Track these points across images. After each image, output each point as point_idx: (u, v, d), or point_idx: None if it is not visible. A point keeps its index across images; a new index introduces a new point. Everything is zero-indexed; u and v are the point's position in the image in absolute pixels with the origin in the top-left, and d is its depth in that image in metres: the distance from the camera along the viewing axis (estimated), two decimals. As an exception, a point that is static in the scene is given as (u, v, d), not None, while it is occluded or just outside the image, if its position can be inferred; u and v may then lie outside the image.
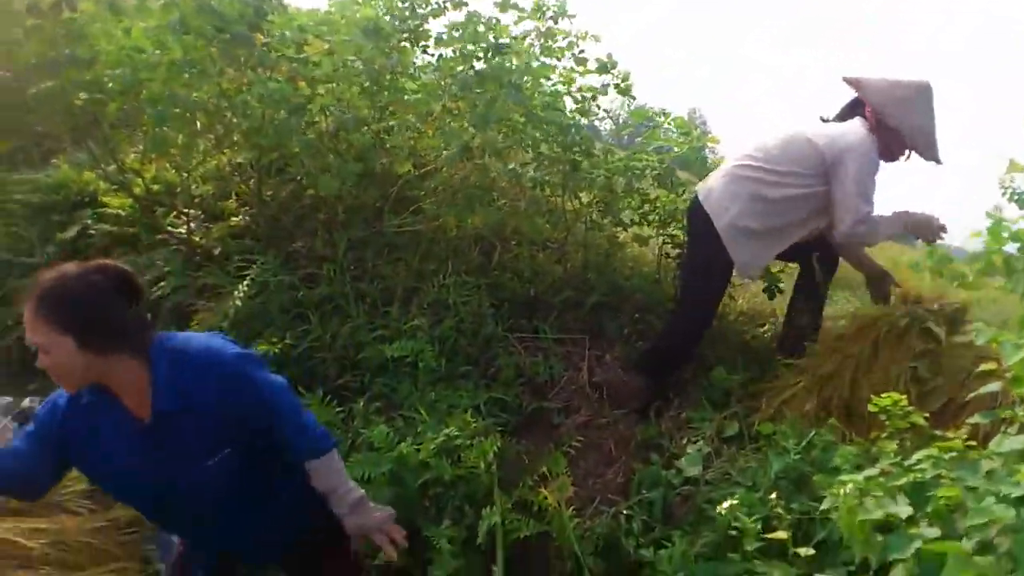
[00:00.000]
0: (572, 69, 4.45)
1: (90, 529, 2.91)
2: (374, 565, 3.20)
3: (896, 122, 3.54)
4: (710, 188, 3.70)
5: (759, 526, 2.45)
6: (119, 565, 2.88)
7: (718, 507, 2.65)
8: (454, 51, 4.33)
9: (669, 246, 4.49)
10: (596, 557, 3.08)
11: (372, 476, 3.13)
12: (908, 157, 3.70)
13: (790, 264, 4.20)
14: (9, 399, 3.57)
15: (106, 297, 2.05)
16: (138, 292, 2.13)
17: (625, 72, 4.34)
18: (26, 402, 3.36)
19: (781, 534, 2.30)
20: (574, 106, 4.40)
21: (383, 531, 2.41)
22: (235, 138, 4.69)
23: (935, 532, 2.01)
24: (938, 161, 3.65)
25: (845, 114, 3.76)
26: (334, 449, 2.33)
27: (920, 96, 3.58)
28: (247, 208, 4.88)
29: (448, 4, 4.43)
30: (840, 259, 3.92)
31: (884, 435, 2.63)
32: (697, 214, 3.70)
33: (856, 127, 3.58)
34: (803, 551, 2.24)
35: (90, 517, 2.96)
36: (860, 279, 4.08)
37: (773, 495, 2.60)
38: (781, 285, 4.21)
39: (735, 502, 2.58)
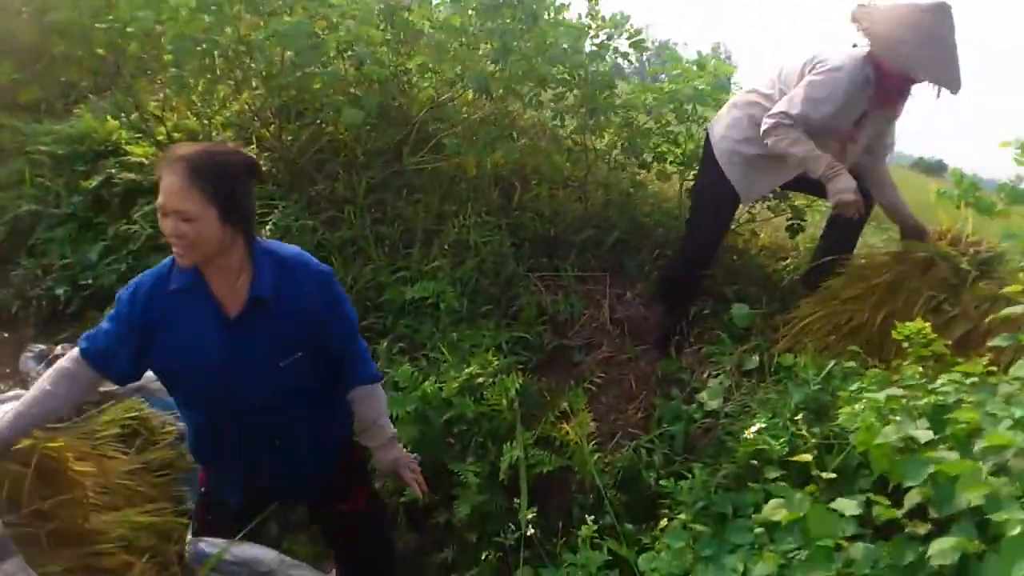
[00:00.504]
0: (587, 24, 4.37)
1: (126, 471, 2.98)
2: (400, 502, 3.30)
3: (899, 67, 3.29)
4: (718, 116, 3.70)
5: (785, 448, 2.46)
6: (155, 506, 2.95)
7: (745, 432, 2.65)
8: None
9: (690, 183, 4.44)
10: (617, 490, 3.13)
11: (398, 415, 3.17)
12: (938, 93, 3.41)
13: (819, 199, 4.14)
14: (43, 346, 3.67)
15: (245, 177, 2.13)
16: (260, 181, 2.24)
17: (637, 28, 4.29)
18: (58, 349, 3.45)
19: (805, 456, 2.31)
20: (592, 48, 4.33)
21: (412, 469, 2.48)
22: (254, 84, 4.71)
23: (953, 456, 2.02)
24: (954, 90, 3.34)
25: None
26: (382, 381, 2.44)
27: (930, 25, 3.26)
28: (268, 153, 4.89)
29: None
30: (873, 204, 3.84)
31: (906, 363, 2.63)
32: (706, 141, 3.70)
33: (852, 51, 3.41)
34: (825, 475, 2.25)
35: (125, 460, 3.03)
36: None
37: (799, 416, 2.60)
38: (805, 221, 4.17)
39: (763, 425, 2.59)
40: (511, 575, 2.95)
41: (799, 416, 2.77)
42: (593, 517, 2.68)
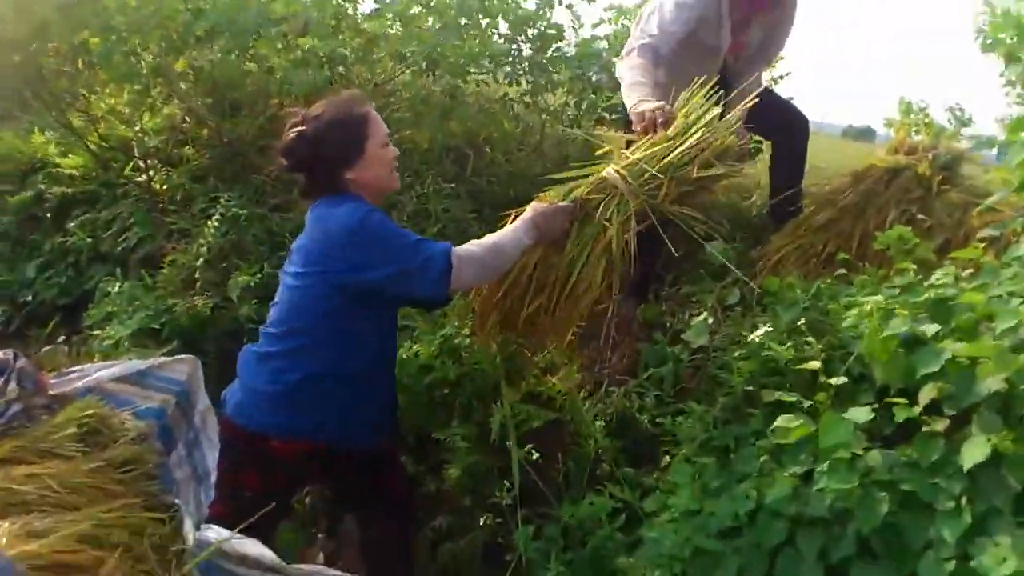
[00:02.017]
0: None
1: (86, 470, 2.79)
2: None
3: None
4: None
5: (791, 352, 2.36)
6: (123, 502, 2.77)
7: (751, 335, 2.56)
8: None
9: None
10: (612, 437, 3.02)
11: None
12: None
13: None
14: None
15: None
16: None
17: None
18: (1, 354, 3.23)
19: (813, 363, 2.22)
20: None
21: None
22: (183, 86, 4.53)
23: (962, 346, 1.94)
24: None
25: None
26: None
27: None
28: (205, 152, 4.72)
29: None
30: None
31: (893, 272, 2.56)
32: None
33: None
34: (834, 380, 2.15)
35: (84, 459, 2.84)
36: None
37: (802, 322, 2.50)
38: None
39: (769, 329, 2.49)
40: (511, 537, 2.83)
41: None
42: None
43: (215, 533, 2.30)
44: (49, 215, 4.90)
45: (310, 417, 2.38)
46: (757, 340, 2.47)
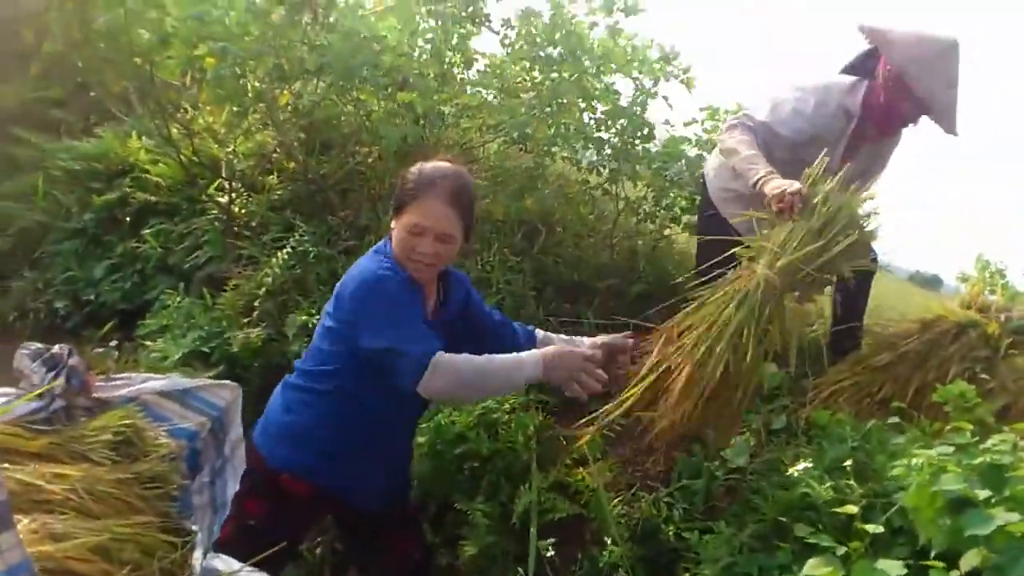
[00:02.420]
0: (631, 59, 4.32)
1: (113, 480, 2.80)
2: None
3: (918, 86, 3.14)
4: (709, 158, 3.60)
5: (830, 493, 2.30)
6: (143, 519, 2.78)
7: (792, 467, 2.50)
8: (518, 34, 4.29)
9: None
10: (633, 543, 2.96)
11: (406, 446, 3.03)
12: (916, 124, 3.33)
13: None
14: (39, 345, 3.52)
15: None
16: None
17: (687, 65, 4.24)
18: (56, 348, 3.30)
19: (850, 507, 2.15)
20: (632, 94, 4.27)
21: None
22: (281, 117, 4.68)
23: (1016, 516, 1.87)
24: (955, 133, 3.27)
25: (857, 65, 3.41)
26: None
27: (945, 56, 3.16)
28: (288, 184, 4.84)
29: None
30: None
31: (948, 428, 2.50)
32: (703, 187, 3.59)
33: (836, 78, 3.30)
34: (871, 527, 2.09)
35: (114, 468, 2.87)
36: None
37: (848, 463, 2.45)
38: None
39: (809, 465, 2.44)
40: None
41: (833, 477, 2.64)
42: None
43: (223, 564, 2.30)
44: (128, 219, 5.04)
45: (312, 458, 2.38)
46: (797, 473, 2.40)
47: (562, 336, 2.71)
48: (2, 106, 5.84)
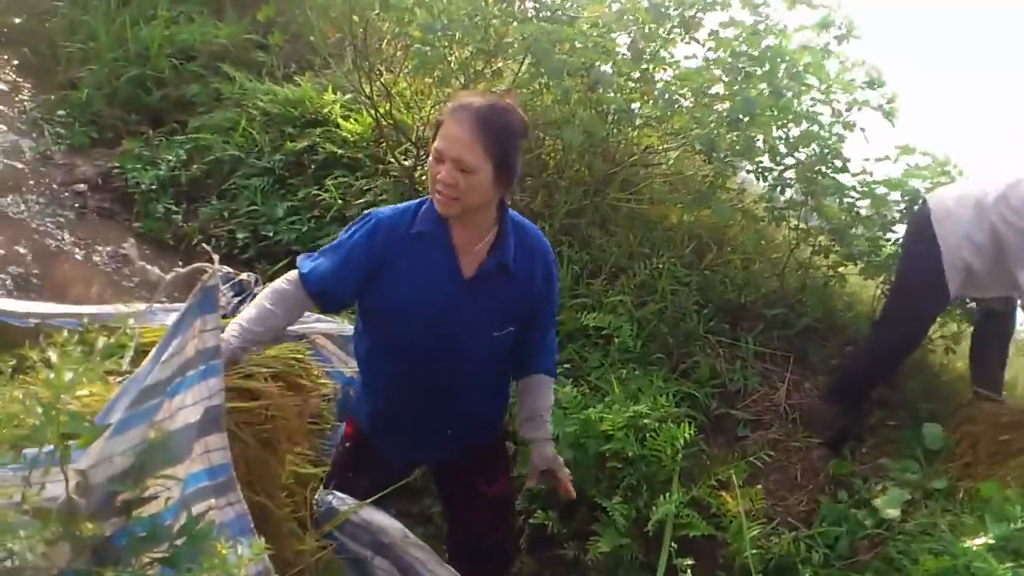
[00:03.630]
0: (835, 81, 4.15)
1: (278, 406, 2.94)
2: (528, 522, 3.15)
3: None
4: (948, 211, 3.32)
5: (1008, 574, 2.19)
6: (299, 450, 2.91)
7: (961, 544, 2.38)
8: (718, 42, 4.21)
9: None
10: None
11: (557, 434, 3.03)
12: None
13: None
14: (229, 269, 3.72)
15: (520, 138, 2.12)
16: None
17: (892, 94, 4.05)
18: (244, 275, 3.47)
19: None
20: (831, 119, 4.12)
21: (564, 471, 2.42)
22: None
23: None
24: None
25: None
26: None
27: None
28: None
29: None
30: None
31: None
32: (924, 231, 3.35)
33: None
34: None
35: (281, 398, 3.00)
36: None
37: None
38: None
39: (988, 541, 2.32)
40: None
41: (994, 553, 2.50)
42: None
43: (337, 501, 2.38)
44: (313, 167, 5.23)
45: (364, 420, 2.49)
46: (973, 547, 2.29)
47: (536, 414, 2.40)
48: (218, 43, 6.16)
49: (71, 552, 1.35)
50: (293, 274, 2.25)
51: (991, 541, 2.36)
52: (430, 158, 2.09)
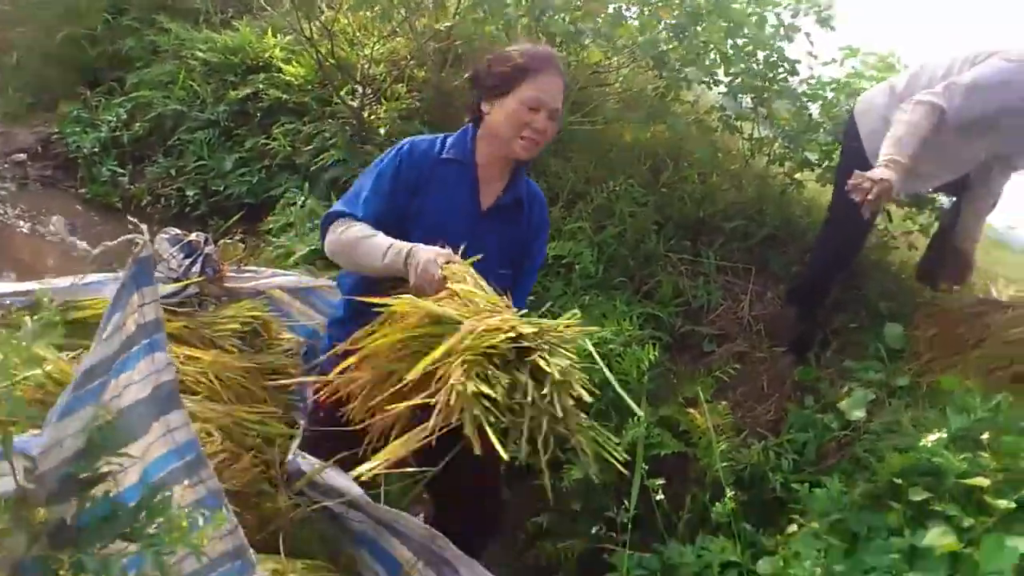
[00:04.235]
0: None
1: (239, 367, 2.92)
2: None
3: None
4: (869, 102, 3.32)
5: (964, 466, 2.23)
6: (264, 408, 2.89)
7: (923, 439, 2.42)
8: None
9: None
10: (737, 487, 2.94)
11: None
12: None
13: None
14: (177, 231, 3.65)
15: None
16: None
17: (827, 4, 3.99)
18: (193, 236, 3.42)
19: (982, 480, 2.09)
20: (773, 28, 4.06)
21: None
22: (419, 26, 4.64)
23: None
24: None
25: None
26: None
27: None
28: (418, 93, 4.84)
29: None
30: None
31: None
32: (851, 128, 3.34)
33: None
34: (1003, 503, 2.02)
35: (240, 356, 2.97)
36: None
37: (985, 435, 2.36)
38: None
39: (942, 436, 2.36)
40: (608, 554, 2.81)
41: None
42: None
43: (306, 464, 2.37)
44: (258, 115, 5.12)
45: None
46: (929, 444, 2.33)
47: None
48: (148, -7, 5.97)
49: (26, 540, 1.34)
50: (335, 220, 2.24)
51: (945, 435, 2.39)
52: (517, 107, 2.12)
